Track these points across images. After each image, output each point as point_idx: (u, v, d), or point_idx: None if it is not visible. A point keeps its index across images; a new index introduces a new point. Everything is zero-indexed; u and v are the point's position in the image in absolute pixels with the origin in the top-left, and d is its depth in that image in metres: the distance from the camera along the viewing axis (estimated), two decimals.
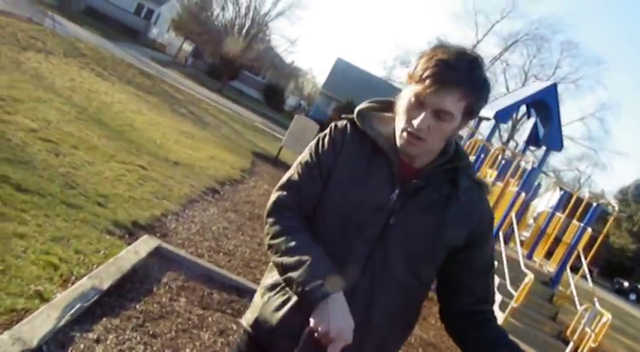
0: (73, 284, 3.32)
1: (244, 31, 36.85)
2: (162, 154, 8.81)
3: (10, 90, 7.92)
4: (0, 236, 3.58)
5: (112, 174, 6.36)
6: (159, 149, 9.11)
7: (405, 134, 1.44)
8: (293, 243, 1.45)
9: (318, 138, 1.60)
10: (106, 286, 3.31)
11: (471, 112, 1.45)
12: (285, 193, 1.56)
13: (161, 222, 5.60)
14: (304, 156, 1.59)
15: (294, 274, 1.40)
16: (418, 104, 1.41)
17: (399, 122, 1.47)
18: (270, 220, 1.54)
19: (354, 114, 1.57)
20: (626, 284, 37.29)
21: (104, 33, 31.84)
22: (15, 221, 3.90)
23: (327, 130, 1.60)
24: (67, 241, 3.98)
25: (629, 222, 40.90)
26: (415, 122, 1.41)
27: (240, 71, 41.76)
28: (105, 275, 3.44)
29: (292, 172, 1.59)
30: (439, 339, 6.32)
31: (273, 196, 1.58)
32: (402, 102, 1.47)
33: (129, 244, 4.40)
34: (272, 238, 1.50)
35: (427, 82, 1.38)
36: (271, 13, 37.45)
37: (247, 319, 1.60)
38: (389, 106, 1.58)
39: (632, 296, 36.32)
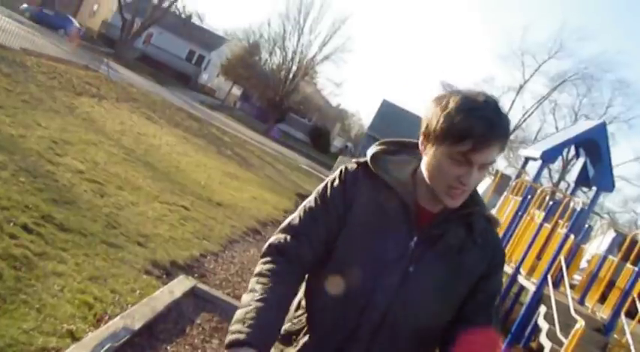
0: (106, 323, 3.33)
1: (291, 74, 37.60)
2: (205, 195, 8.92)
3: (62, 134, 8.21)
4: (39, 274, 3.64)
5: (154, 215, 6.45)
6: (203, 190, 9.24)
7: (450, 190, 1.41)
8: (257, 286, 1.40)
9: (327, 183, 1.56)
10: (137, 326, 3.31)
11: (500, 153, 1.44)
12: (282, 237, 1.51)
13: (200, 262, 5.62)
14: (310, 200, 1.55)
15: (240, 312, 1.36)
16: (466, 161, 1.37)
17: (438, 180, 1.42)
18: (260, 261, 1.50)
19: (368, 158, 1.53)
20: None
21: (156, 78, 33.05)
22: (55, 259, 3.97)
23: (337, 174, 1.55)
24: (104, 280, 4.02)
25: None
26: (465, 179, 1.39)
27: (287, 114, 42.52)
28: (137, 315, 3.45)
29: (295, 216, 1.54)
30: None
31: (271, 239, 1.53)
32: (435, 162, 1.42)
33: (165, 284, 4.42)
34: (253, 277, 1.47)
35: (475, 141, 1.34)
36: (317, 57, 38.22)
37: None
38: (399, 149, 1.56)
39: None
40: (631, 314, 8.68)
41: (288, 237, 1.49)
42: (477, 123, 1.33)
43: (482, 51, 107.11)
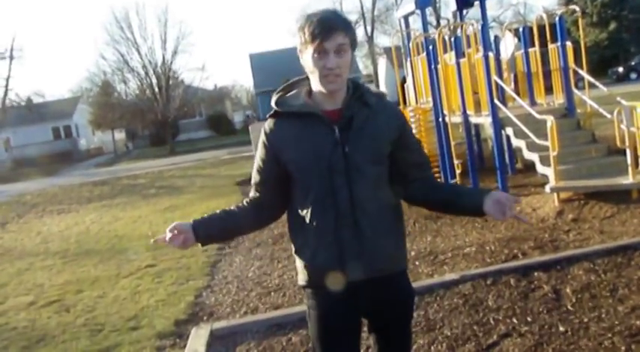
0: None
1: (156, 88, 36.11)
2: None
3: None
4: None
5: (127, 292, 5.96)
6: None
7: (325, 78, 1.90)
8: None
9: (260, 142, 2.05)
10: None
11: (354, 43, 1.96)
12: (252, 193, 2.12)
13: (200, 304, 5.22)
14: (256, 159, 2.10)
15: None
16: (322, 53, 1.87)
17: (315, 74, 1.91)
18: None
19: (274, 105, 2.02)
20: (620, 69, 37.00)
21: (43, 172, 31.24)
22: None
23: (262, 134, 2.04)
24: None
25: (585, 17, 40.51)
26: (329, 64, 1.87)
27: (177, 124, 41.20)
28: None
29: (252, 175, 2.12)
30: None
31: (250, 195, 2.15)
32: (309, 63, 1.91)
33: (184, 348, 4.02)
34: None
35: (320, 34, 1.85)
36: (166, 58, 36.66)
37: (302, 279, 2.08)
38: (290, 87, 2.08)
39: (633, 75, 35.97)
40: (577, 87, 8.80)
41: (252, 192, 2.12)
42: (317, 23, 1.86)
43: None
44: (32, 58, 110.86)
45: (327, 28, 1.84)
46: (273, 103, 2.01)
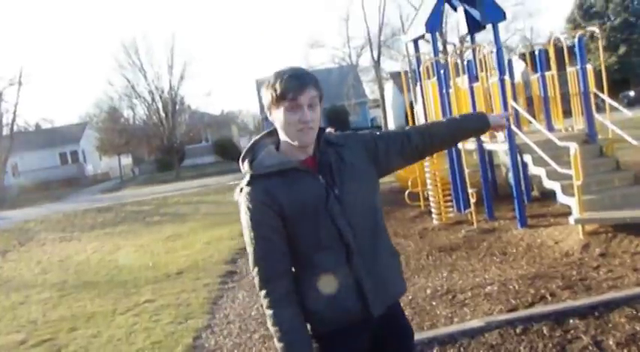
0: None
1: (162, 113, 36.04)
2: (161, 274, 8.02)
3: None
4: None
5: (122, 332, 5.58)
6: (155, 270, 8.33)
7: (300, 131, 1.92)
8: (275, 317, 1.90)
9: (247, 212, 1.94)
10: None
11: (322, 96, 1.99)
12: (259, 268, 1.93)
13: (198, 347, 4.83)
14: (248, 229, 1.94)
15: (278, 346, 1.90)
16: (296, 107, 1.90)
17: (289, 129, 1.93)
18: (262, 293, 1.94)
19: (252, 173, 1.96)
20: (632, 93, 36.61)
21: (48, 198, 31.04)
22: None
23: (246, 202, 1.95)
24: None
25: (595, 40, 40.28)
26: (303, 118, 1.90)
27: (183, 149, 41.07)
28: None
29: (252, 248, 1.94)
30: None
31: (254, 273, 1.94)
32: (283, 118, 1.92)
33: None
34: (266, 308, 1.93)
35: (294, 89, 1.89)
36: (173, 83, 36.65)
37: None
38: (254, 148, 2.05)
39: None
40: (598, 108, 8.39)
41: (262, 265, 1.93)
42: (288, 80, 1.90)
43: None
44: (41, 85, 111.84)
45: (300, 83, 1.89)
46: (247, 169, 1.98)
